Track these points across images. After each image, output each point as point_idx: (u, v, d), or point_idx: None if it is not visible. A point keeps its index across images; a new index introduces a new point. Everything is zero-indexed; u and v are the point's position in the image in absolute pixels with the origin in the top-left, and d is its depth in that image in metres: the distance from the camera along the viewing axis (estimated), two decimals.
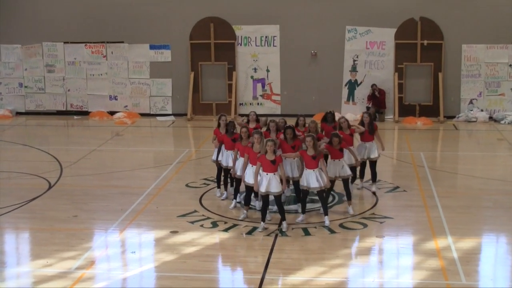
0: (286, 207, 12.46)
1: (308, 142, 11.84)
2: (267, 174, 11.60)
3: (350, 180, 13.02)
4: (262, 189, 11.57)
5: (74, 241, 11.28)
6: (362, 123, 13.53)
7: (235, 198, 13.01)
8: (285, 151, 12.28)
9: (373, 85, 22.61)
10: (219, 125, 13.42)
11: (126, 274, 10.10)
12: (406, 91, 22.81)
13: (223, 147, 13.24)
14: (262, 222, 11.81)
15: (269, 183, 11.54)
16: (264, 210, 11.83)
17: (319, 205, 12.47)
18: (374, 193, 13.79)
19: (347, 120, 13.18)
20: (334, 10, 22.68)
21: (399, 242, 11.41)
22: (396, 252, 11.05)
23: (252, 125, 13.43)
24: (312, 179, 11.84)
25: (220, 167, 13.42)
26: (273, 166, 11.55)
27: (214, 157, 13.50)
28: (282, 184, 11.67)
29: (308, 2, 22.75)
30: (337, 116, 22.12)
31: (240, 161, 12.51)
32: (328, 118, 13.69)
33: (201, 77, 23.43)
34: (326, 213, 12.11)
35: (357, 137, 13.86)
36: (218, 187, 13.76)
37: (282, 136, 12.55)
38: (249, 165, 12.06)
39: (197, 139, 20.86)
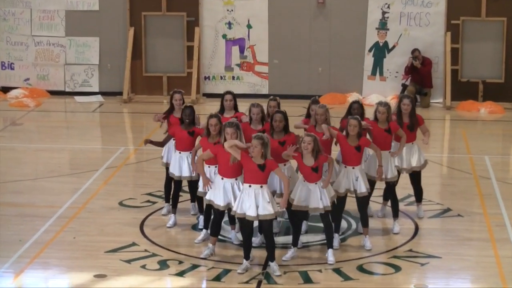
0: (277, 238, 12.45)
1: (306, 145, 11.75)
2: (250, 186, 11.60)
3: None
4: (242, 211, 11.55)
5: None
6: (399, 112, 13.44)
7: (205, 227, 13.03)
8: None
9: (413, 51, 22.69)
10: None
11: None
12: (463, 61, 22.95)
13: (172, 146, 13.38)
14: (244, 260, 11.82)
15: (255, 201, 11.53)
16: (247, 243, 11.83)
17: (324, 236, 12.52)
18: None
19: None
20: None
21: None
22: None
23: (228, 114, 13.50)
24: (313, 196, 11.88)
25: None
26: (261, 174, 11.53)
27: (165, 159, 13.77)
28: (277, 202, 11.67)
29: None
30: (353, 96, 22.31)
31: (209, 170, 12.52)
32: (353, 111, 13.18)
33: (146, 36, 23.45)
34: (330, 245, 12.16)
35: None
36: (167, 201, 13.92)
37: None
38: (218, 175, 12.05)
39: (138, 131, 20.85)
